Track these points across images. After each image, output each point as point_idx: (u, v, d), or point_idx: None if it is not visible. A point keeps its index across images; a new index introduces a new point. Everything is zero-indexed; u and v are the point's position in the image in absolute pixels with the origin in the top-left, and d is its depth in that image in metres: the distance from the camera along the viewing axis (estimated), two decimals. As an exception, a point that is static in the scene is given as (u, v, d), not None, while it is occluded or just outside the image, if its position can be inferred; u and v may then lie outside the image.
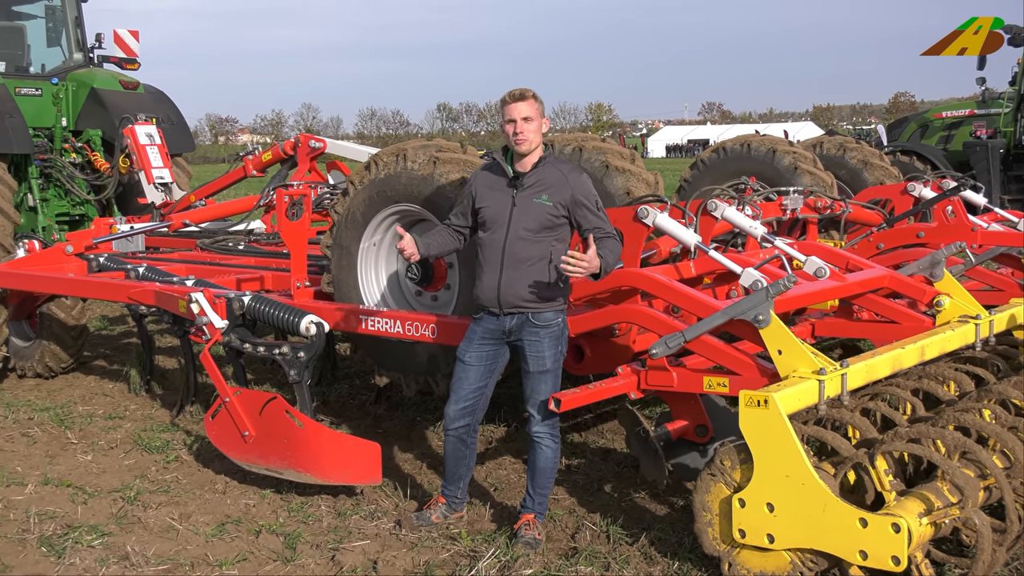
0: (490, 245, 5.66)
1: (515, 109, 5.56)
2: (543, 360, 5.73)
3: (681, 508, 6.10)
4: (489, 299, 5.68)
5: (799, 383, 5.04)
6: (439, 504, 6.06)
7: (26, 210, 13.13)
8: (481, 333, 5.79)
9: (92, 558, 5.63)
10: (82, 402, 8.95)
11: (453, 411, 5.92)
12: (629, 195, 7.46)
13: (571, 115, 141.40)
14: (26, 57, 14.33)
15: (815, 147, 10.22)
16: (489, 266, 5.66)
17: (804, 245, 7.00)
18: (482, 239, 5.71)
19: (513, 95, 5.61)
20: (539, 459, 5.79)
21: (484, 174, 5.78)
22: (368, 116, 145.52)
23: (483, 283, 5.68)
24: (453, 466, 6.03)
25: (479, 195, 5.71)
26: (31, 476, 6.98)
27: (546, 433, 5.77)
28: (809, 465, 4.70)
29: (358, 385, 9.23)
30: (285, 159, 11.38)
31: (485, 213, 5.68)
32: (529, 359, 5.73)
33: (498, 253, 5.63)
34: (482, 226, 5.71)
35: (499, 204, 5.65)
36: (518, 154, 5.62)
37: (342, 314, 6.85)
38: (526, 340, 5.72)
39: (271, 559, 5.63)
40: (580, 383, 6.04)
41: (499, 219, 5.64)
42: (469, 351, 5.83)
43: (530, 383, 5.76)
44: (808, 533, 4.72)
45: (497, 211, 5.65)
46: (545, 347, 5.72)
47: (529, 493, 5.85)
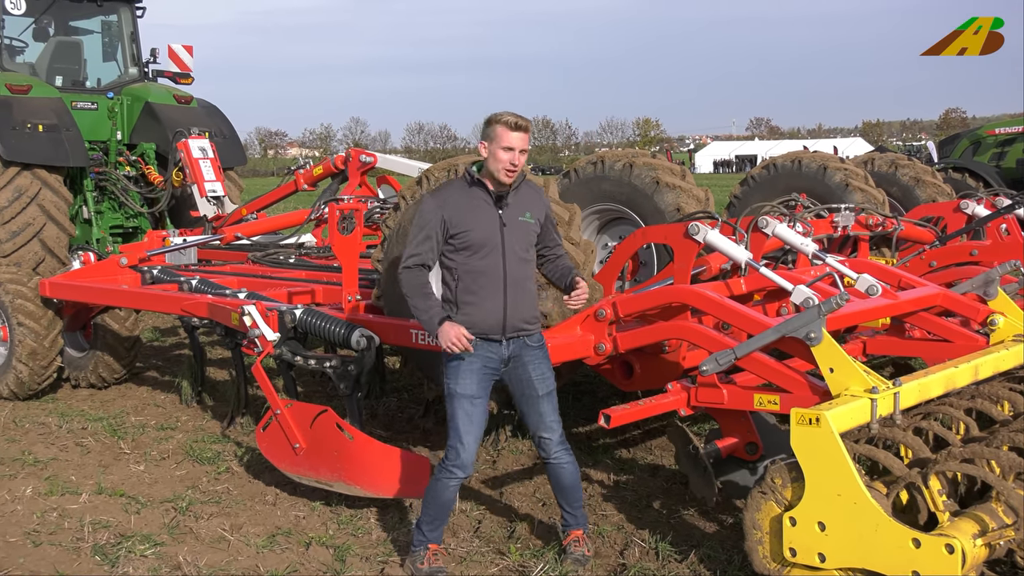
0: (488, 270, 5.40)
1: (517, 139, 5.33)
2: (548, 380, 5.63)
3: (730, 526, 6.06)
4: (493, 326, 5.42)
5: (851, 401, 5.00)
6: (438, 555, 5.67)
7: (81, 222, 13.34)
8: (482, 363, 5.46)
9: (145, 567, 5.70)
10: (135, 412, 9.04)
11: (470, 455, 5.51)
12: (680, 211, 7.45)
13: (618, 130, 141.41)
14: (83, 72, 14.58)
15: (866, 164, 10.17)
16: (490, 292, 5.40)
17: (856, 263, 6.96)
18: (473, 265, 5.40)
19: (519, 124, 5.35)
20: (565, 478, 5.68)
21: (454, 197, 5.44)
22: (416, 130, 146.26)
23: (485, 309, 5.40)
24: (444, 511, 5.68)
25: (455, 220, 5.36)
26: (85, 485, 7.06)
27: (564, 451, 5.67)
28: (861, 484, 4.66)
29: (407, 399, 9.27)
30: (336, 173, 11.49)
31: (471, 237, 5.37)
32: (536, 382, 5.58)
33: (499, 277, 5.41)
34: (466, 251, 5.40)
35: (486, 226, 5.39)
36: (500, 183, 5.41)
37: (392, 328, 6.87)
38: (530, 363, 5.57)
39: (321, 571, 5.66)
40: (629, 399, 6.04)
41: (490, 242, 5.39)
42: (474, 384, 5.45)
43: (539, 406, 5.60)
44: (860, 553, 4.68)
45: (487, 234, 5.39)
46: (547, 367, 5.63)
47: (568, 511, 5.73)
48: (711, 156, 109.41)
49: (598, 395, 8.94)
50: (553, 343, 6.00)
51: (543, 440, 5.65)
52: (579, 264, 6.35)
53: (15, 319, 9.06)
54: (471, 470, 5.59)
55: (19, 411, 9.07)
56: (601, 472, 7.14)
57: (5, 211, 12.09)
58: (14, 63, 14.01)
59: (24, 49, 14.57)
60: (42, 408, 9.22)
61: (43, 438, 8.30)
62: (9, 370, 9.18)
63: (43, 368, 9.22)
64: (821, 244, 7.45)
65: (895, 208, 9.58)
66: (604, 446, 7.75)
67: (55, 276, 9.49)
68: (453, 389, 5.46)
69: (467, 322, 5.37)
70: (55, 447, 8.06)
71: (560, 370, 6.51)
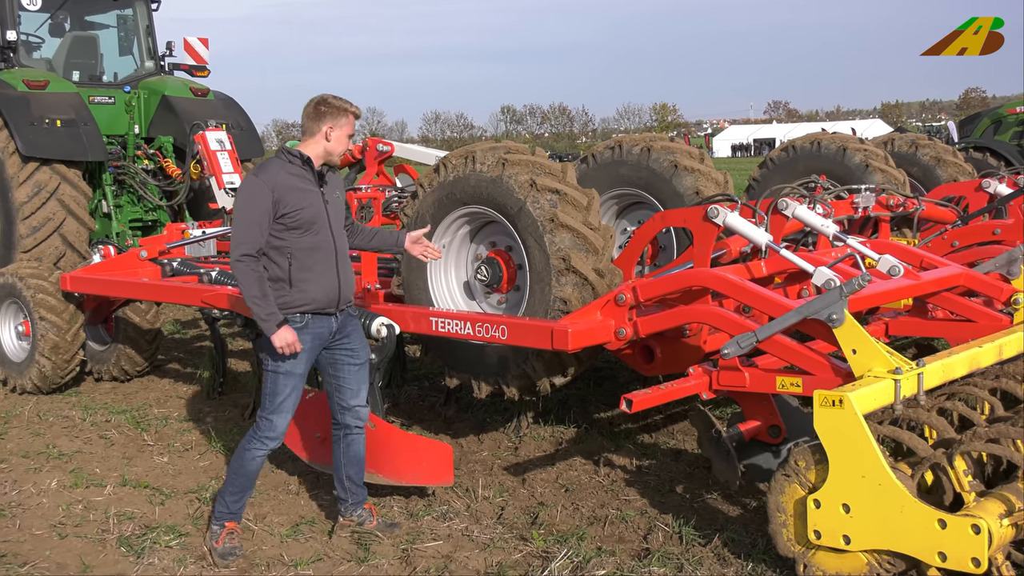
0: (320, 246, 5.62)
1: (354, 126, 5.71)
2: (367, 349, 6.01)
3: (754, 509, 6.05)
4: (330, 300, 5.68)
5: (875, 383, 4.97)
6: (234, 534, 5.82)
7: (100, 216, 13.36)
8: (312, 339, 5.68)
9: (170, 558, 5.72)
10: (157, 404, 9.08)
11: (285, 426, 5.79)
12: (699, 195, 7.43)
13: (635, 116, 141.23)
14: (99, 66, 14.59)
15: (886, 144, 10.10)
16: (324, 268, 5.64)
17: (877, 243, 6.92)
18: (307, 242, 5.59)
19: (358, 113, 5.72)
20: (361, 448, 6.04)
21: (280, 176, 5.55)
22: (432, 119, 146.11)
23: (321, 285, 5.63)
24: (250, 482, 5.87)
25: (284, 199, 5.50)
26: (109, 477, 7.09)
27: (364, 422, 6.02)
28: (886, 465, 4.63)
29: (428, 387, 9.28)
30: (353, 163, 11.47)
31: (302, 216, 5.54)
32: (359, 351, 5.92)
33: (331, 253, 5.67)
34: (298, 229, 5.56)
35: (314, 204, 5.61)
36: (331, 164, 5.71)
37: (412, 316, 6.87)
38: (353, 333, 5.90)
39: (345, 559, 5.68)
40: (650, 384, 6.03)
41: (319, 219, 5.62)
42: (299, 363, 5.68)
43: (359, 374, 5.92)
44: (885, 534, 4.66)
45: (315, 212, 5.61)
46: (363, 337, 6.00)
47: (358, 485, 6.04)
48: (729, 140, 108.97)
49: (619, 380, 8.93)
50: (574, 329, 6.00)
51: (356, 409, 5.95)
52: (598, 250, 6.33)
53: (37, 313, 9.10)
54: (282, 440, 5.87)
55: (43, 404, 9.11)
56: (623, 457, 7.13)
57: (25, 206, 12.12)
58: (31, 59, 14.03)
59: (41, 45, 14.59)
60: (65, 401, 9.26)
61: (67, 431, 8.34)
62: (32, 364, 9.22)
63: (66, 362, 9.26)
64: (842, 225, 7.41)
65: (916, 188, 9.52)
66: (626, 431, 7.74)
67: (76, 270, 9.51)
68: (280, 367, 5.67)
69: (305, 299, 5.62)
70: (79, 440, 8.10)
71: (580, 355, 6.53)
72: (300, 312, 5.62)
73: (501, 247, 6.89)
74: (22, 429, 8.41)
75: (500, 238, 6.89)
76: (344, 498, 6.06)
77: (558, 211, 6.31)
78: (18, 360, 9.45)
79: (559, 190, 6.39)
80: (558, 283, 6.30)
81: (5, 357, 9.56)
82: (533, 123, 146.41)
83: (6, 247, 12.40)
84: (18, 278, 9.29)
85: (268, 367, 5.72)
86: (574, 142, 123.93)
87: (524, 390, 6.79)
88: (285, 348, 5.51)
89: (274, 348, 5.57)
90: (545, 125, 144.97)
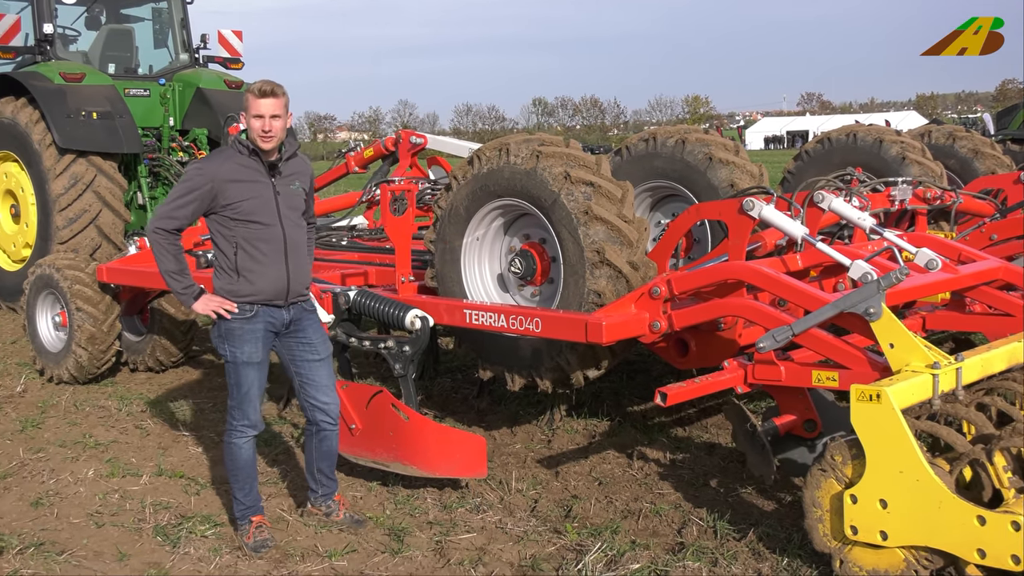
0: (267, 238, 5.60)
1: (266, 106, 5.54)
2: (327, 344, 6.00)
3: (789, 504, 6.02)
4: (277, 291, 5.66)
5: (912, 377, 4.93)
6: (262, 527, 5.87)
7: (136, 208, 13.47)
8: (264, 329, 5.69)
9: (205, 548, 5.75)
10: (191, 395, 9.12)
11: (258, 414, 5.82)
12: (733, 187, 7.38)
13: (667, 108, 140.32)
14: (134, 59, 14.70)
15: (923, 136, 10.00)
16: (271, 258, 5.61)
17: (914, 237, 6.87)
18: (253, 233, 5.58)
19: (264, 91, 5.57)
20: (332, 444, 6.06)
21: (223, 168, 5.59)
22: (464, 112, 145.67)
23: (267, 276, 5.61)
24: (250, 472, 5.90)
25: (224, 191, 5.52)
26: (145, 467, 7.14)
27: (337, 418, 6.03)
28: (924, 461, 4.60)
29: (460, 379, 9.29)
30: (386, 155, 11.49)
31: (244, 207, 5.54)
32: (318, 345, 5.90)
33: (280, 244, 5.62)
34: (244, 220, 5.56)
35: (260, 195, 5.59)
36: (264, 151, 5.59)
37: (446, 308, 6.88)
38: (309, 327, 5.87)
39: (379, 551, 5.69)
40: (683, 377, 6.00)
41: (265, 210, 5.59)
42: (259, 351, 5.69)
43: (320, 370, 5.90)
44: (923, 531, 4.62)
45: (261, 203, 5.58)
46: (322, 332, 5.99)
47: (329, 478, 6.09)
48: (761, 132, 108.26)
49: (652, 374, 8.91)
50: (608, 322, 5.99)
51: (323, 405, 5.94)
52: (632, 242, 6.31)
53: (74, 304, 9.17)
54: (263, 425, 5.93)
55: (79, 395, 9.18)
56: (657, 451, 7.11)
57: (61, 198, 12.24)
58: (67, 52, 14.15)
59: (77, 38, 14.72)
60: (102, 392, 9.33)
61: (103, 421, 8.40)
62: (69, 354, 9.29)
63: (102, 352, 9.32)
64: (878, 219, 7.34)
65: (953, 181, 9.42)
66: (659, 425, 7.72)
67: (112, 261, 9.57)
68: (238, 357, 5.66)
69: (251, 290, 5.62)
70: (115, 430, 8.15)
71: (614, 348, 6.51)
72: (248, 302, 5.64)
73: (535, 240, 6.88)
74: (59, 419, 8.48)
75: (534, 231, 6.88)
76: (315, 489, 6.13)
77: (592, 203, 6.29)
78: (55, 350, 9.53)
79: (593, 182, 6.37)
80: (592, 276, 6.28)
81: (42, 347, 9.64)
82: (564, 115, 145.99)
83: (43, 238, 12.53)
84: (55, 269, 9.36)
85: (227, 359, 5.73)
86: (606, 135, 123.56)
87: (558, 383, 6.78)
88: (216, 310, 5.57)
89: (223, 340, 5.66)
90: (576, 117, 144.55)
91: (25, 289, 9.73)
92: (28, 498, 6.58)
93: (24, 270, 12.51)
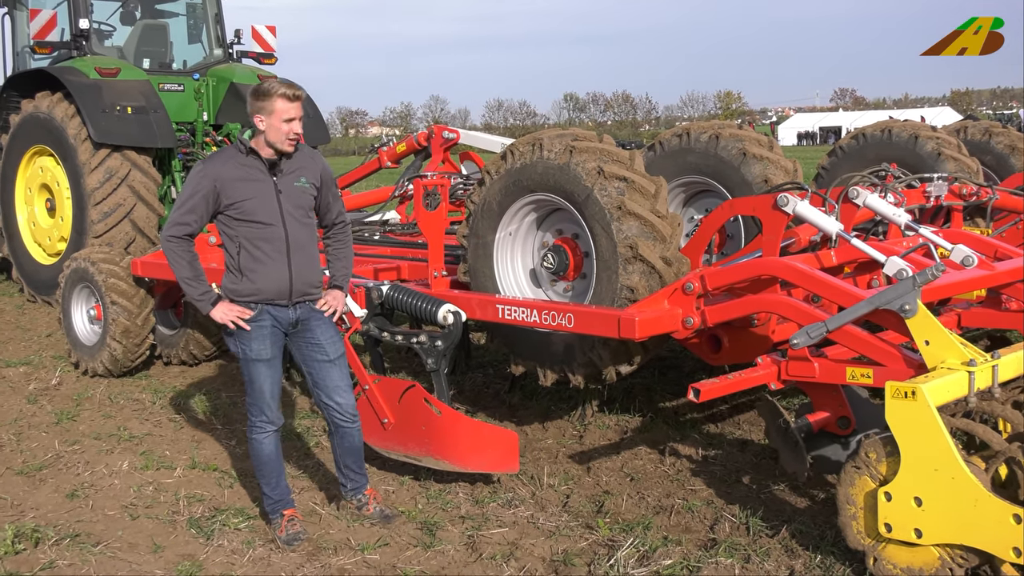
0: (269, 237, 5.58)
1: (295, 109, 5.53)
2: (338, 344, 5.93)
3: (822, 501, 5.99)
4: (280, 291, 5.64)
5: (948, 374, 4.89)
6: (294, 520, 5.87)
7: (170, 202, 13.52)
8: (271, 324, 5.69)
9: (239, 540, 5.78)
10: (225, 388, 9.17)
11: (275, 410, 5.83)
12: (767, 183, 7.34)
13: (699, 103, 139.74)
14: (169, 54, 14.77)
15: (959, 132, 9.93)
16: (273, 258, 5.59)
17: (950, 233, 6.81)
18: (255, 233, 5.57)
19: (296, 95, 5.53)
20: (356, 441, 6.06)
21: (226, 168, 5.57)
22: (495, 107, 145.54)
23: (268, 275, 5.60)
24: (275, 467, 5.92)
25: (228, 191, 5.52)
26: (179, 460, 7.18)
27: (354, 415, 6.00)
28: (960, 459, 4.57)
29: (492, 374, 9.29)
30: (419, 150, 11.50)
31: (246, 207, 5.53)
32: (327, 346, 5.84)
33: (281, 243, 5.60)
34: (245, 220, 5.55)
35: (262, 194, 5.57)
36: (281, 152, 5.57)
37: (478, 303, 6.88)
38: (318, 327, 5.82)
39: (411, 544, 5.70)
40: (715, 374, 5.98)
41: (266, 209, 5.57)
42: (269, 347, 5.69)
43: (332, 371, 5.87)
44: (958, 529, 4.59)
45: (261, 202, 5.56)
46: (334, 331, 5.92)
47: (357, 472, 6.11)
48: (794, 128, 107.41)
49: (684, 370, 8.88)
50: (641, 317, 5.97)
51: (337, 405, 5.91)
52: (666, 238, 6.29)
53: (109, 298, 9.23)
54: (282, 420, 5.96)
55: (114, 388, 9.25)
56: (689, 447, 7.10)
57: (96, 192, 12.33)
58: (103, 47, 14.23)
59: (112, 33, 14.82)
60: (136, 385, 9.39)
61: (137, 414, 8.46)
62: (104, 348, 9.36)
63: (136, 346, 9.39)
64: (913, 215, 7.30)
65: (989, 177, 9.35)
66: (691, 421, 7.70)
67: (146, 255, 9.62)
68: (248, 354, 5.68)
69: (253, 289, 5.62)
70: (149, 423, 8.21)
71: (647, 344, 6.50)
72: (252, 302, 5.65)
73: (568, 235, 6.87)
74: (94, 411, 8.55)
75: (567, 226, 6.87)
76: (344, 483, 6.16)
77: (625, 199, 6.28)
78: (90, 343, 9.61)
79: (627, 178, 6.36)
80: (625, 271, 6.27)
81: (77, 340, 9.72)
82: (596, 111, 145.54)
83: (78, 232, 12.63)
84: (90, 263, 9.44)
85: (240, 356, 5.75)
86: (637, 130, 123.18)
87: (590, 378, 6.77)
88: (230, 321, 5.59)
89: (233, 338, 5.69)
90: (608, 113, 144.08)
91: (60, 283, 9.81)
92: (64, 490, 6.64)
93: (59, 264, 12.60)
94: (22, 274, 14.05)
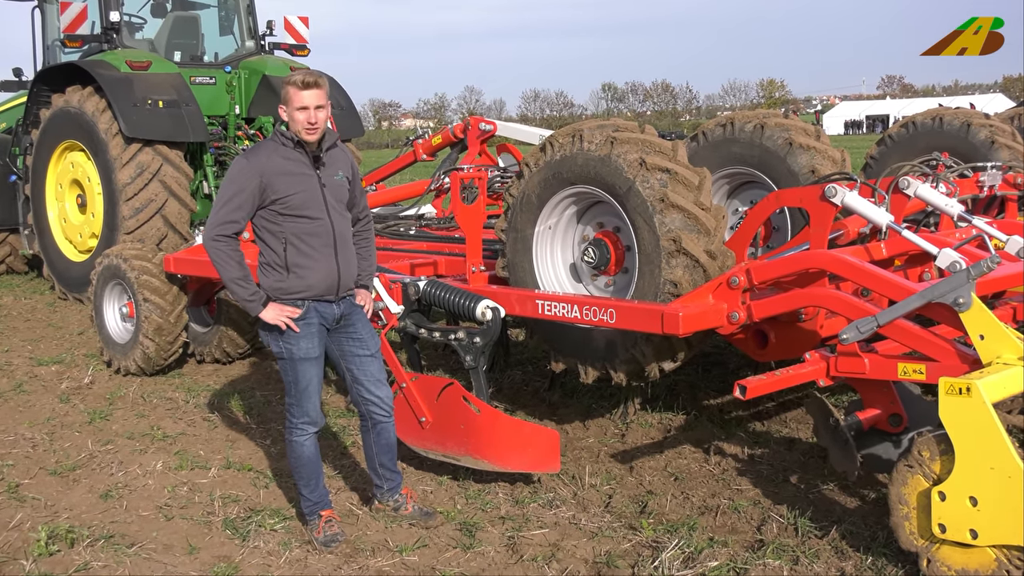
0: (317, 232, 5.51)
1: (309, 97, 5.42)
2: (376, 339, 5.92)
3: (873, 501, 5.84)
4: (328, 286, 5.57)
5: (1004, 370, 4.76)
6: (332, 522, 5.79)
7: (201, 197, 13.50)
8: (318, 322, 5.61)
9: (275, 541, 5.70)
10: (259, 387, 9.09)
11: (317, 410, 5.75)
12: (814, 173, 7.18)
13: (742, 92, 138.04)
14: (200, 46, 14.73)
15: (1013, 120, 9.70)
16: (322, 253, 5.53)
17: (1005, 224, 6.65)
18: (302, 228, 5.49)
19: (307, 83, 5.43)
20: (391, 438, 5.99)
21: (271, 161, 5.48)
22: (532, 98, 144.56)
23: (318, 270, 5.52)
24: (314, 468, 5.83)
25: (275, 185, 5.43)
26: (214, 460, 7.10)
27: (391, 410, 5.95)
28: (1017, 457, 4.43)
29: (531, 372, 9.17)
30: (455, 142, 11.39)
31: (294, 200, 5.45)
32: (367, 340, 5.81)
33: (329, 237, 5.54)
34: (293, 214, 5.47)
35: (308, 188, 5.50)
36: (308, 143, 5.49)
37: (517, 299, 6.75)
38: (358, 322, 5.79)
39: (450, 546, 5.59)
40: (761, 370, 5.84)
41: (313, 203, 5.50)
42: (315, 346, 5.62)
43: (371, 365, 5.82)
44: (1016, 529, 4.45)
45: (309, 196, 5.49)
46: (370, 326, 5.89)
47: (391, 470, 6.02)
48: (840, 117, 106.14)
49: (729, 366, 8.74)
50: (685, 312, 5.84)
51: (378, 399, 5.84)
52: (710, 231, 6.13)
53: (141, 295, 9.16)
54: (323, 420, 5.89)
55: (147, 386, 9.19)
56: (734, 446, 6.95)
57: (128, 187, 12.28)
58: (134, 39, 14.21)
59: (143, 25, 14.79)
60: (169, 383, 9.33)
61: (171, 413, 8.39)
62: (136, 346, 9.30)
63: (169, 343, 9.31)
64: (966, 205, 7.12)
65: (1044, 165, 9.13)
66: (737, 419, 7.55)
67: (179, 252, 9.55)
68: (295, 354, 5.59)
69: (302, 285, 5.53)
70: (183, 422, 8.13)
71: (691, 340, 6.36)
72: (300, 299, 5.55)
73: (609, 228, 6.73)
74: (127, 410, 8.48)
75: (608, 219, 6.73)
76: (380, 484, 6.04)
77: (668, 191, 6.13)
78: (122, 341, 9.55)
79: (669, 169, 6.21)
80: (668, 265, 6.12)
81: (110, 338, 9.66)
82: (635, 101, 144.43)
83: (109, 228, 12.59)
84: (122, 259, 9.36)
85: (281, 355, 5.65)
86: (677, 120, 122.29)
87: (632, 375, 6.63)
88: (279, 323, 5.50)
89: (277, 337, 5.58)
90: (647, 103, 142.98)
91: (92, 280, 9.75)
92: (98, 490, 6.57)
93: (91, 261, 12.57)
94: (53, 271, 14.04)
